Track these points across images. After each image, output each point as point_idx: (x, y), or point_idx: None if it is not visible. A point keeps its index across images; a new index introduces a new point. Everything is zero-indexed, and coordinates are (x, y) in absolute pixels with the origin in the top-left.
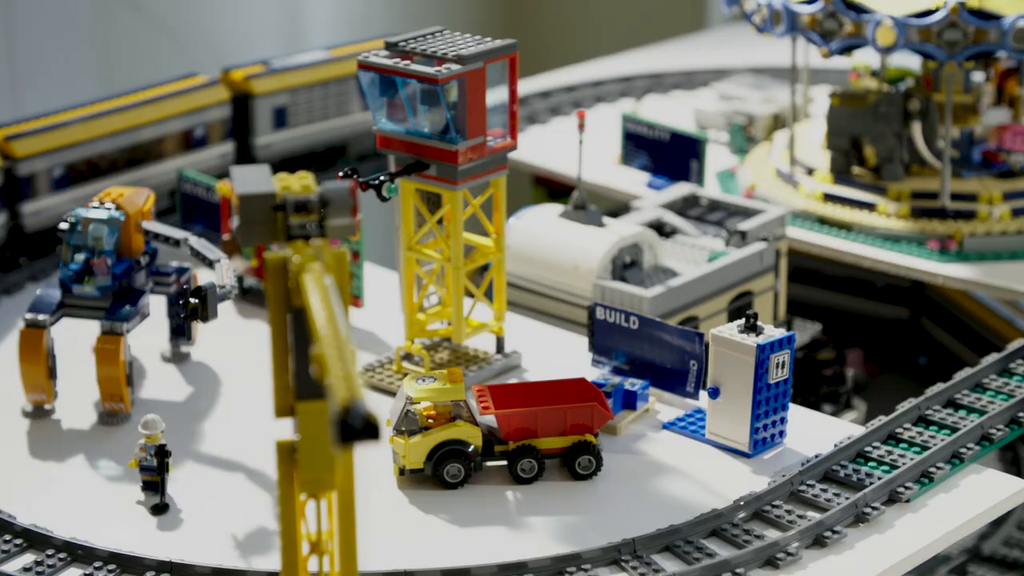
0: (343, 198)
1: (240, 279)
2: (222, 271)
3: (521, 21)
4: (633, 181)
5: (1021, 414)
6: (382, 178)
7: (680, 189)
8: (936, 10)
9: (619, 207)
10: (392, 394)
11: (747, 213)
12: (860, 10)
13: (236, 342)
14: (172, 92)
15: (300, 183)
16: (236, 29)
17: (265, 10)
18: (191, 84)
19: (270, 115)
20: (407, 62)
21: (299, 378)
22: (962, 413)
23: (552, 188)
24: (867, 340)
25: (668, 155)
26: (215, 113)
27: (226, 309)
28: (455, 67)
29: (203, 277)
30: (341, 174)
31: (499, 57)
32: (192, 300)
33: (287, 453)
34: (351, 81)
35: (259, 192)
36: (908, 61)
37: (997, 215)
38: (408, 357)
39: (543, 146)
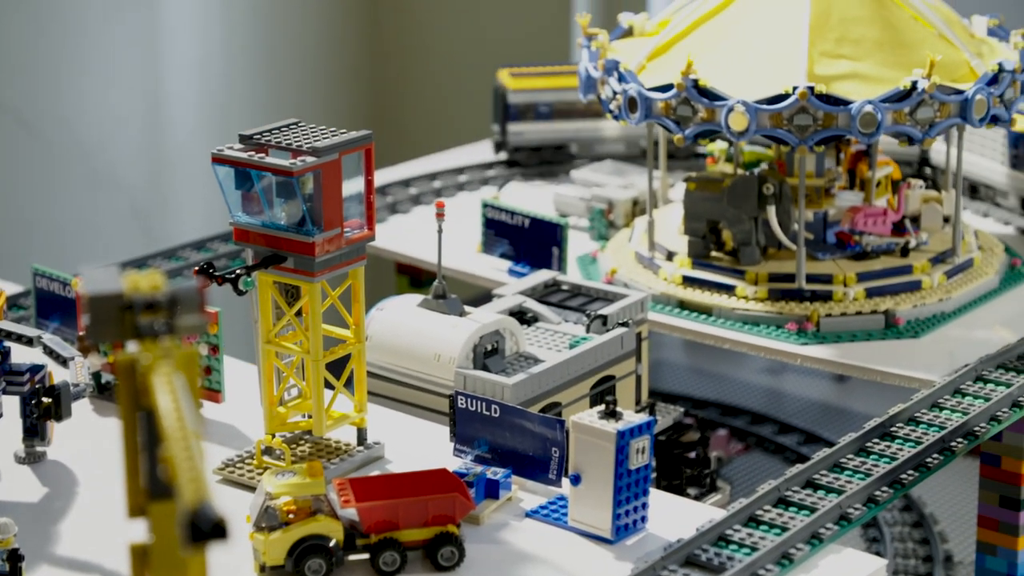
0: (192, 296)
1: (97, 375)
2: (76, 369)
3: (384, 111)
4: (495, 268)
5: (878, 493)
6: (238, 272)
7: (541, 275)
8: (787, 95)
9: (481, 295)
10: (252, 489)
11: (608, 298)
12: (713, 96)
13: (92, 440)
14: None
15: (149, 282)
16: (100, 122)
17: (129, 104)
18: None
19: None
20: (262, 155)
21: (151, 479)
22: (821, 493)
23: (415, 276)
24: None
25: (529, 242)
26: None
27: (82, 407)
28: (310, 159)
29: (58, 375)
30: (196, 269)
31: (354, 148)
32: (46, 399)
33: (140, 555)
34: None
35: (107, 292)
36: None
37: (852, 295)
38: (269, 451)
39: (405, 235)
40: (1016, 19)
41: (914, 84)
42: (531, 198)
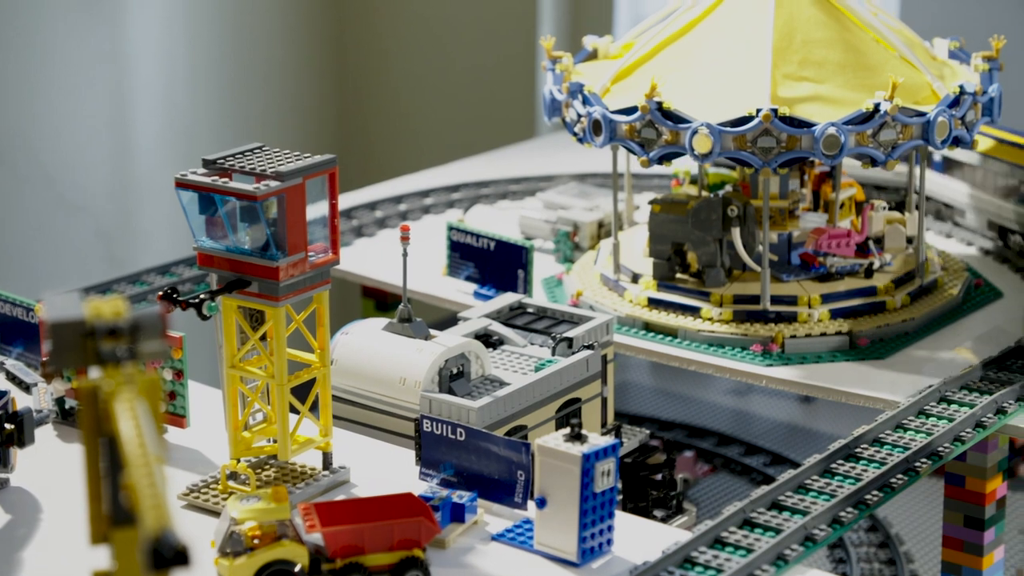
0: (154, 322)
1: (61, 401)
2: (39, 395)
3: (350, 134)
4: (460, 291)
5: (843, 514)
6: (202, 296)
7: (507, 298)
8: (750, 118)
9: (447, 318)
10: (217, 514)
11: (573, 320)
12: (677, 119)
13: (56, 467)
14: None
15: (111, 308)
16: (65, 145)
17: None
18: None
19: None
20: (226, 179)
21: (113, 505)
22: (786, 515)
23: (381, 300)
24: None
25: (494, 264)
26: None
27: (45, 433)
28: (274, 184)
29: (21, 401)
30: (160, 294)
31: (318, 172)
32: (8, 425)
33: None
34: None
35: (69, 318)
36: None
37: (816, 317)
38: (234, 476)
39: (370, 258)
40: (977, 41)
41: (877, 106)
42: (497, 221)
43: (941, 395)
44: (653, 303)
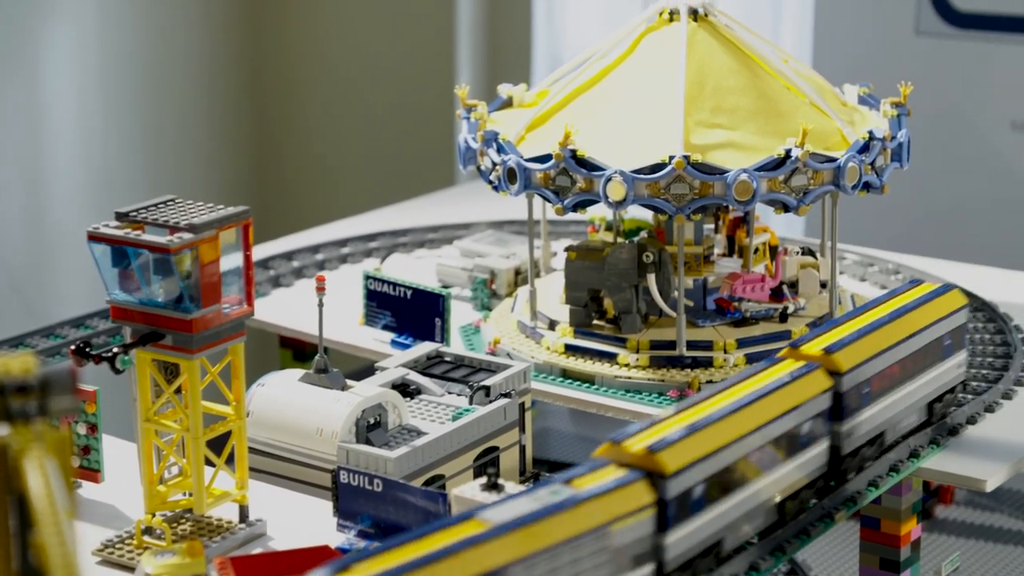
0: (63, 378)
1: None
2: None
3: (268, 185)
4: (377, 340)
5: (761, 560)
6: (115, 350)
7: (424, 347)
8: (663, 165)
9: (364, 367)
10: (132, 570)
11: (491, 369)
12: (591, 167)
13: None
14: None
15: (20, 365)
16: None
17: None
18: None
19: None
20: (139, 232)
21: (22, 564)
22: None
23: (299, 350)
24: None
25: (411, 313)
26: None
27: None
28: (187, 236)
29: None
30: (72, 348)
31: (232, 224)
32: None
33: None
34: None
35: None
36: (644, 213)
37: (732, 361)
38: (149, 531)
39: (288, 308)
40: (885, 87)
41: (788, 152)
42: (414, 269)
43: None
44: (570, 350)
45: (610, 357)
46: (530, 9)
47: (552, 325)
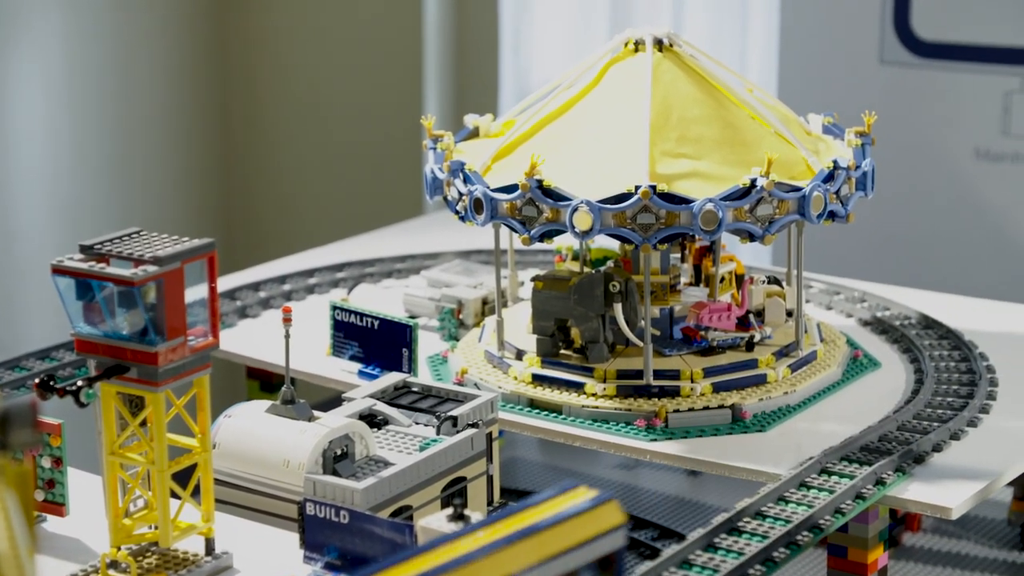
0: (24, 413)
1: None
2: None
3: (234, 214)
4: (344, 371)
5: None
6: (79, 383)
7: (391, 377)
8: (629, 195)
9: (331, 398)
10: None
11: (458, 399)
12: (557, 197)
13: None
14: None
15: None
16: None
17: None
18: None
19: None
20: (103, 265)
21: None
22: None
23: (266, 381)
24: None
25: (379, 343)
26: None
27: None
28: (152, 268)
29: None
30: (36, 382)
31: (197, 256)
32: None
33: None
34: None
35: None
36: (610, 242)
37: (699, 390)
38: (114, 564)
39: (255, 339)
40: (850, 116)
41: (753, 182)
42: (381, 299)
43: (822, 467)
44: (537, 379)
45: (577, 387)
46: (497, 40)
47: (519, 355)
